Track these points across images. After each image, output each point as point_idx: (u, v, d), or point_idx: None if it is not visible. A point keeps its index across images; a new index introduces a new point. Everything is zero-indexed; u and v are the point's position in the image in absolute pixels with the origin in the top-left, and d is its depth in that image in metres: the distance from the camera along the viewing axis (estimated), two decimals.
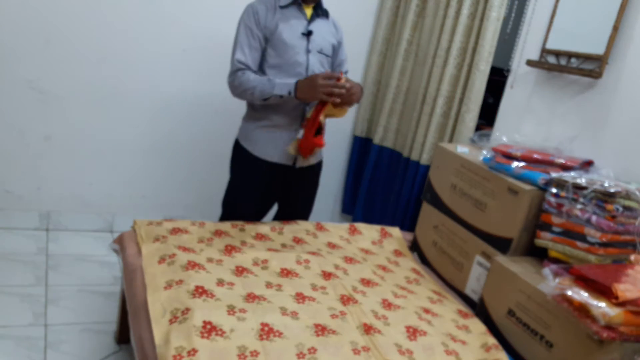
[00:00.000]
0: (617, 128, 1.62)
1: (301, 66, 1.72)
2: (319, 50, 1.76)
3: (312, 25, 1.75)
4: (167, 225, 1.66)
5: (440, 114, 2.26)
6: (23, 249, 2.24)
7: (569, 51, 1.75)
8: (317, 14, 1.78)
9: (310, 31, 1.73)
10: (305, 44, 1.73)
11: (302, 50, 1.72)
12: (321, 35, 1.77)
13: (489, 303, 1.51)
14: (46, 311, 1.86)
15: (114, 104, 2.37)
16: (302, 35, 1.72)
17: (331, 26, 1.84)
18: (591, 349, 1.18)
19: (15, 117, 2.25)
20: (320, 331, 1.26)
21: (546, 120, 1.85)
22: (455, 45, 2.18)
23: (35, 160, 2.33)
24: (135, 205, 2.55)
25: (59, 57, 2.22)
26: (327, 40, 1.80)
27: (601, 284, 1.16)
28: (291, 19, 1.71)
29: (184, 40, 2.38)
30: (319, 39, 1.76)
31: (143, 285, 1.36)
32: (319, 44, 1.76)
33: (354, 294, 1.47)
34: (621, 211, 1.31)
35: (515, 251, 1.53)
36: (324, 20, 1.81)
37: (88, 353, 1.69)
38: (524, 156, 1.57)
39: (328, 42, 1.80)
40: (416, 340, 1.32)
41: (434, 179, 1.88)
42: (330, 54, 1.82)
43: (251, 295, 1.36)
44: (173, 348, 1.11)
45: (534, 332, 1.34)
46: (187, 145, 2.54)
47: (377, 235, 1.95)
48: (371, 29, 2.72)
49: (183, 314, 1.22)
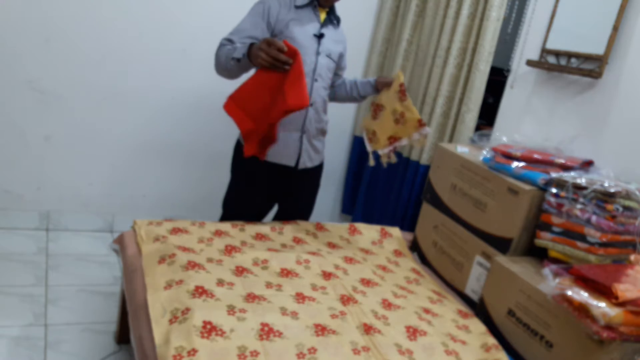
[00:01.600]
0: (617, 128, 1.62)
1: (309, 66, 1.72)
2: (327, 54, 1.77)
3: (324, 29, 1.76)
4: (167, 225, 1.66)
5: (440, 114, 2.26)
6: (23, 248, 2.24)
7: (569, 51, 1.75)
8: (331, 19, 1.80)
9: (322, 34, 1.75)
10: (316, 46, 1.73)
11: (312, 51, 1.73)
12: (331, 40, 1.79)
13: (489, 303, 1.51)
14: (46, 311, 1.86)
15: (114, 103, 2.37)
16: (313, 37, 1.73)
17: (341, 35, 1.85)
18: (591, 349, 1.18)
19: (16, 116, 2.25)
20: (320, 331, 1.26)
21: (546, 120, 1.85)
22: (455, 46, 2.18)
23: (35, 160, 2.34)
24: (135, 205, 2.55)
25: (59, 57, 2.23)
26: (335, 46, 1.81)
27: (601, 284, 1.16)
28: (305, 20, 1.72)
29: (184, 40, 2.39)
30: (328, 43, 1.77)
31: (143, 285, 1.36)
32: (328, 48, 1.77)
33: (354, 294, 1.47)
34: (621, 211, 1.31)
35: (515, 251, 1.53)
36: (335, 27, 1.82)
37: (88, 353, 1.69)
38: (524, 156, 1.57)
39: (336, 48, 1.82)
40: (416, 340, 1.32)
41: (434, 179, 1.88)
42: (336, 60, 1.84)
43: (251, 295, 1.36)
44: (173, 348, 1.11)
45: (534, 332, 1.34)
46: (187, 145, 2.54)
47: (377, 236, 1.95)
48: (371, 29, 2.72)
49: (183, 314, 1.22)
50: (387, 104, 1.77)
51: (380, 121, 1.78)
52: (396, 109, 1.74)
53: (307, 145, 1.81)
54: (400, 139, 1.75)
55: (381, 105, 1.79)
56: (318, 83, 1.76)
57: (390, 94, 1.77)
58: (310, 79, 1.74)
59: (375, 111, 1.80)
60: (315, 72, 1.74)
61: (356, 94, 1.94)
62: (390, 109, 1.76)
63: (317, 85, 1.76)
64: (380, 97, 1.82)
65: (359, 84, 1.93)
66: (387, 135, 1.76)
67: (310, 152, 1.83)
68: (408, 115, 1.71)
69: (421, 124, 1.70)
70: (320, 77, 1.77)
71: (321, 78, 1.77)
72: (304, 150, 1.80)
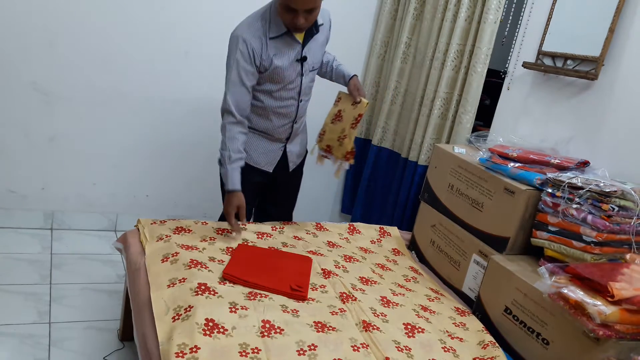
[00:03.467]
0: (612, 129, 1.63)
1: (294, 90, 1.73)
2: (311, 69, 1.76)
3: (306, 47, 1.69)
4: (170, 225, 1.69)
5: (438, 115, 2.28)
6: (28, 248, 2.26)
7: (565, 53, 1.77)
8: (311, 33, 1.69)
9: (305, 57, 1.70)
10: (299, 69, 1.70)
11: (296, 74, 1.70)
12: (314, 54, 1.74)
13: (486, 301, 1.53)
14: (50, 309, 1.88)
15: (118, 105, 2.39)
16: (296, 62, 1.68)
17: (322, 35, 1.75)
18: (587, 347, 1.20)
19: (20, 117, 2.28)
20: (320, 328, 1.28)
21: (542, 122, 1.87)
22: (452, 48, 2.20)
23: (39, 161, 2.36)
24: (138, 204, 2.57)
25: (62, 59, 2.25)
26: (318, 55, 1.77)
27: (597, 282, 1.17)
28: (284, 49, 1.64)
29: (186, 43, 2.41)
30: (312, 59, 1.73)
31: (146, 283, 1.38)
32: (311, 64, 1.74)
33: (354, 291, 1.49)
34: (616, 211, 1.32)
35: (512, 250, 1.55)
36: (316, 33, 1.71)
37: (92, 350, 1.71)
38: (520, 157, 1.59)
39: (320, 52, 1.78)
40: (414, 338, 1.34)
41: (431, 179, 1.91)
42: (320, 64, 1.82)
43: (252, 292, 1.38)
44: (176, 345, 1.13)
45: (530, 329, 1.36)
46: (190, 145, 2.57)
47: (376, 235, 1.97)
48: (370, 32, 2.74)
49: (186, 311, 1.24)
50: (345, 117, 1.79)
51: (333, 127, 1.82)
52: (344, 129, 1.78)
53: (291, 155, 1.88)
54: (332, 155, 1.83)
55: (341, 115, 1.80)
56: (302, 103, 1.79)
57: (349, 111, 1.78)
58: (296, 101, 1.76)
59: (336, 117, 1.82)
60: (300, 94, 1.75)
61: (328, 77, 1.92)
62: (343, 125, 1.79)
63: (302, 104, 1.79)
64: (344, 104, 1.81)
65: (334, 73, 1.89)
66: (326, 144, 1.83)
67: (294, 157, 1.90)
68: (346, 141, 1.77)
69: (347, 158, 1.79)
70: (305, 95, 1.78)
71: (306, 95, 1.79)
72: (290, 161, 1.88)
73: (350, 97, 1.79)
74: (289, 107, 1.76)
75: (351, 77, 1.83)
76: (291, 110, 1.77)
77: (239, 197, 1.65)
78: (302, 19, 1.55)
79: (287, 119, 1.78)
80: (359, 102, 1.76)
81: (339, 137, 1.79)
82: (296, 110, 1.78)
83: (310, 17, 1.57)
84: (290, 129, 1.82)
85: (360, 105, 1.76)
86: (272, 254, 1.62)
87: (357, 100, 1.76)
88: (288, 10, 1.54)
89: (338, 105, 1.83)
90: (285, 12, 1.55)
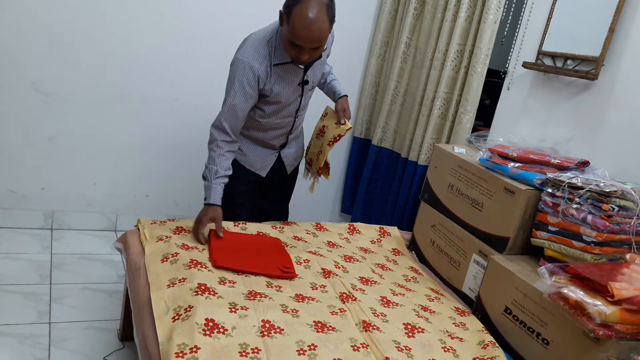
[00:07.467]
0: (612, 129, 1.63)
1: (292, 108, 1.73)
2: (311, 88, 1.75)
3: (309, 72, 1.67)
4: (170, 225, 1.69)
5: (438, 115, 2.29)
6: (28, 248, 2.26)
7: (565, 53, 1.77)
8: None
9: (307, 80, 1.68)
10: (300, 91, 1.69)
11: (296, 96, 1.70)
12: (315, 75, 1.72)
13: (486, 301, 1.53)
14: (50, 309, 1.88)
15: (118, 105, 2.40)
16: (297, 86, 1.67)
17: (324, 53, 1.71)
18: (587, 347, 1.20)
19: (20, 118, 2.28)
20: (320, 328, 1.29)
21: (542, 122, 1.87)
22: (452, 48, 2.20)
23: (39, 161, 2.36)
24: (138, 205, 2.58)
25: (62, 59, 2.25)
26: (319, 73, 1.75)
27: (597, 282, 1.17)
28: (287, 76, 1.63)
29: (186, 43, 2.41)
30: (312, 80, 1.72)
31: (146, 283, 1.38)
32: (312, 84, 1.73)
33: (354, 291, 1.50)
34: (617, 211, 1.32)
35: (512, 250, 1.55)
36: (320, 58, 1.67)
37: (92, 350, 1.71)
38: (520, 157, 1.60)
39: (320, 73, 1.76)
40: (414, 338, 1.34)
41: (431, 179, 1.91)
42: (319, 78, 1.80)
43: (252, 292, 1.38)
44: (175, 345, 1.13)
45: (530, 329, 1.36)
46: (190, 145, 2.56)
47: (376, 235, 1.97)
48: (370, 32, 2.74)
49: (186, 311, 1.24)
50: (326, 134, 1.82)
51: (316, 142, 1.88)
52: (322, 144, 1.82)
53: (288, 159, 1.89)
54: (311, 168, 1.91)
55: (324, 131, 1.83)
56: (299, 117, 1.80)
57: (331, 129, 1.80)
58: (293, 117, 1.77)
59: (320, 132, 1.86)
60: (297, 111, 1.76)
61: (320, 88, 1.92)
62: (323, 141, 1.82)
63: (298, 118, 1.80)
64: (329, 120, 1.84)
65: (326, 87, 1.90)
66: (309, 157, 1.92)
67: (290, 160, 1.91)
68: (321, 157, 1.82)
69: (319, 173, 1.88)
70: (302, 110, 1.79)
71: (303, 109, 1.80)
72: (286, 164, 1.89)
73: (336, 116, 1.81)
74: (286, 122, 1.77)
75: (341, 96, 1.83)
76: (287, 123, 1.78)
77: (217, 210, 1.62)
78: (307, 55, 1.50)
79: (283, 130, 1.79)
80: (343, 123, 1.77)
81: (318, 152, 1.84)
82: (292, 124, 1.79)
83: (315, 52, 1.52)
84: (285, 139, 1.83)
85: (342, 127, 1.77)
86: (244, 239, 1.65)
87: (341, 122, 1.78)
88: (293, 46, 1.49)
89: (324, 121, 1.87)
90: (290, 46, 1.50)
